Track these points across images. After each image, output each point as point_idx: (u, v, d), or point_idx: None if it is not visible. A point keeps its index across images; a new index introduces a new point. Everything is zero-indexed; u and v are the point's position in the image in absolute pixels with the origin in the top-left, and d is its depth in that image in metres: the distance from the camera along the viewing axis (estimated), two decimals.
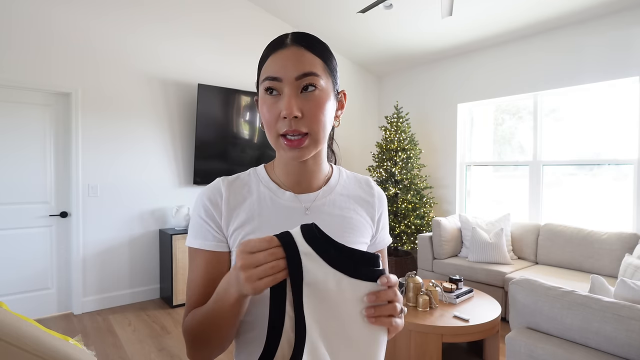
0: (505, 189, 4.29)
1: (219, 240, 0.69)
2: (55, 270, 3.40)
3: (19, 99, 3.19)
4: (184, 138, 3.94)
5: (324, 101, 0.65)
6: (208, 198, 0.71)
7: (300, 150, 0.65)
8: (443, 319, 2.29)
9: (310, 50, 0.65)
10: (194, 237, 0.70)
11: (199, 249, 0.69)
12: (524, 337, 1.70)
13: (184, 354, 2.70)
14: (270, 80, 0.64)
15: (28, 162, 3.24)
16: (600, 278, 1.84)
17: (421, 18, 3.90)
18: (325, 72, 0.66)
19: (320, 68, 0.65)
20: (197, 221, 0.70)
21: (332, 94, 0.67)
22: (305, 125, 0.63)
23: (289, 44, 0.65)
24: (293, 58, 0.63)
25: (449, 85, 4.65)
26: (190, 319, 0.66)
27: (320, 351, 0.52)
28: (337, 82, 0.70)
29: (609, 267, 3.15)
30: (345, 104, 0.74)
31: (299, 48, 0.64)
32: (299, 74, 0.63)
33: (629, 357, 1.44)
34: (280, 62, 0.64)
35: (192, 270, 0.70)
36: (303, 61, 0.64)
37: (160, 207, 3.82)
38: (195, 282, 0.69)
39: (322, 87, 0.65)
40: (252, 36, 4.25)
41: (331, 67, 0.68)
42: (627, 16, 3.29)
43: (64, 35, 3.28)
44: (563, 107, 3.81)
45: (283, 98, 0.63)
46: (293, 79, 0.63)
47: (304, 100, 0.63)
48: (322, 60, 0.66)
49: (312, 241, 0.53)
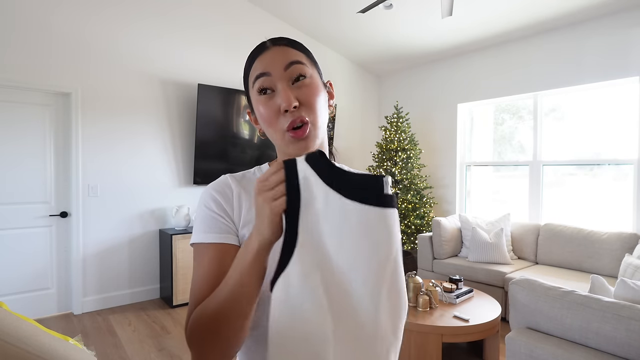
0: (505, 189, 4.29)
1: (232, 232, 0.67)
2: (55, 270, 3.40)
3: (19, 99, 3.19)
4: (184, 138, 3.94)
5: (317, 89, 0.67)
6: (218, 192, 0.69)
7: (305, 140, 0.65)
8: (443, 319, 2.29)
9: (290, 46, 0.68)
10: (205, 232, 0.66)
11: (211, 243, 0.65)
12: (524, 337, 1.70)
13: (184, 353, 2.69)
14: (261, 76, 0.65)
15: (28, 162, 3.24)
16: (600, 278, 1.84)
17: (421, 18, 3.90)
18: (310, 62, 0.69)
19: (304, 58, 0.68)
20: (208, 214, 0.67)
21: (320, 83, 0.69)
22: (304, 112, 0.64)
23: (269, 46, 0.68)
24: (278, 53, 0.66)
25: (449, 85, 4.65)
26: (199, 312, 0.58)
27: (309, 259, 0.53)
28: (321, 74, 0.73)
29: (609, 267, 3.15)
30: (334, 94, 0.75)
31: (280, 46, 0.68)
32: (286, 63, 0.65)
33: (629, 357, 1.44)
34: (266, 60, 0.66)
35: (201, 266, 0.64)
36: (287, 53, 0.66)
37: (160, 207, 3.82)
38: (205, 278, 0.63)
39: (310, 75, 0.67)
40: (252, 36, 4.25)
41: (313, 60, 0.71)
42: (627, 17, 3.29)
43: (63, 35, 3.28)
44: (563, 107, 3.81)
45: (278, 93, 0.64)
46: (282, 70, 0.65)
47: (298, 90, 0.65)
48: (304, 54, 0.69)
49: (315, 165, 0.54)
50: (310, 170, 0.54)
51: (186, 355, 2.68)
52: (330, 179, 0.54)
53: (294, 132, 0.64)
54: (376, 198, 0.52)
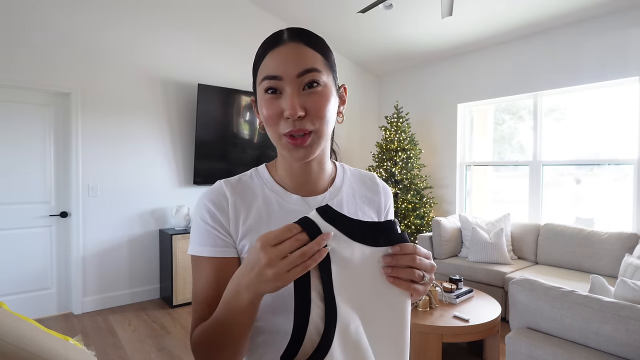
0: (505, 189, 4.29)
1: (228, 245, 0.65)
2: (55, 270, 3.40)
3: (19, 99, 3.19)
4: (184, 138, 3.94)
5: (327, 97, 0.63)
6: (212, 202, 0.66)
7: (305, 149, 0.62)
8: (443, 319, 2.29)
9: (309, 46, 0.62)
10: (201, 244, 0.65)
11: (207, 257, 0.64)
12: (524, 337, 1.69)
13: (184, 354, 2.70)
14: (270, 79, 0.61)
15: (28, 162, 3.23)
16: (600, 278, 1.84)
17: (421, 18, 3.89)
18: (326, 67, 0.64)
19: (320, 63, 0.63)
20: (203, 227, 0.66)
21: (333, 89, 0.65)
22: (310, 122, 0.61)
23: (286, 40, 0.62)
24: (292, 55, 0.61)
25: (449, 85, 4.64)
26: (199, 335, 0.61)
27: (351, 330, 0.52)
28: (337, 77, 0.68)
29: (609, 267, 3.14)
30: (346, 99, 0.71)
31: (298, 44, 0.62)
32: (300, 70, 0.60)
33: (629, 357, 1.44)
34: (279, 59, 0.61)
35: (199, 280, 0.65)
36: (303, 57, 0.61)
37: (160, 207, 3.82)
38: (204, 291, 0.64)
39: (324, 82, 0.62)
40: (252, 36, 4.25)
41: (331, 62, 0.66)
42: (627, 16, 3.29)
43: (64, 35, 3.28)
44: (563, 107, 3.81)
45: (285, 97, 0.60)
46: (294, 77, 0.60)
47: (307, 98, 0.61)
48: (321, 56, 0.64)
49: (332, 221, 0.52)
50: (329, 226, 0.52)
51: (186, 355, 2.68)
52: (350, 230, 0.53)
53: (293, 140, 0.61)
54: (395, 240, 0.55)
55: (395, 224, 0.56)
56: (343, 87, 0.71)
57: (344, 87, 0.71)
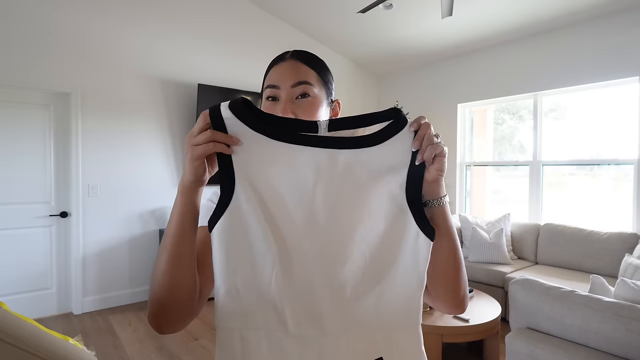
0: (505, 189, 4.29)
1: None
2: (55, 270, 3.40)
3: (19, 99, 3.18)
4: (184, 138, 3.93)
5: (316, 107, 0.73)
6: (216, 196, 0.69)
7: None
8: (443, 319, 2.29)
9: (305, 63, 0.74)
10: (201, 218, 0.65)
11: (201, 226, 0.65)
12: (524, 337, 1.70)
13: (184, 354, 2.70)
14: (270, 87, 0.73)
15: (28, 162, 3.23)
16: (600, 278, 1.84)
17: (421, 18, 3.89)
18: (319, 82, 0.75)
19: (313, 78, 0.74)
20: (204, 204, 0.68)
21: (325, 102, 0.75)
22: None
23: (288, 57, 0.75)
24: (290, 69, 0.73)
25: (449, 85, 4.64)
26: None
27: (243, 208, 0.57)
28: (331, 93, 0.78)
29: (609, 267, 3.14)
30: (339, 112, 0.81)
31: (296, 61, 0.74)
32: (294, 82, 0.72)
33: (629, 357, 1.44)
34: (279, 72, 0.73)
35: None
36: (299, 71, 0.73)
37: (160, 207, 3.82)
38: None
39: (315, 95, 0.73)
40: (252, 36, 4.25)
41: (325, 79, 0.76)
42: (627, 17, 3.29)
43: (63, 35, 3.28)
44: (563, 107, 3.82)
45: (280, 103, 0.72)
46: (289, 87, 0.72)
47: (298, 106, 0.71)
48: (316, 73, 0.75)
49: (236, 110, 0.58)
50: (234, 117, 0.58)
51: (186, 355, 2.68)
52: (255, 124, 0.59)
53: None
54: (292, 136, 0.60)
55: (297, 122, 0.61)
56: (336, 102, 0.81)
57: (337, 101, 0.81)
